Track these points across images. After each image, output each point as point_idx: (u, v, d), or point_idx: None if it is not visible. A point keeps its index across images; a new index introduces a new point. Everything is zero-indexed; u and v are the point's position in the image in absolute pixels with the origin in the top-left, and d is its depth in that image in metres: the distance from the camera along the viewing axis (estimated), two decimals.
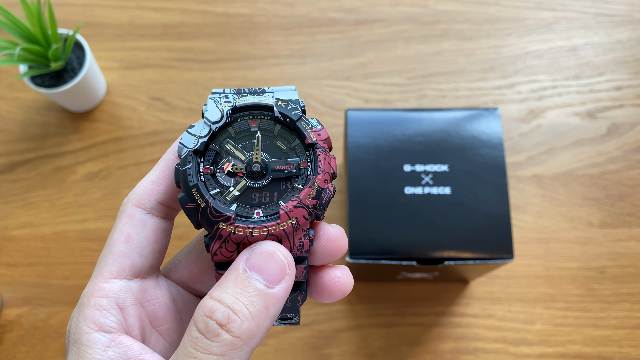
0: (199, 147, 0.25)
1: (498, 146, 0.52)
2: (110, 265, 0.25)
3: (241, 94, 0.26)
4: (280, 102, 0.26)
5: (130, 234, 0.26)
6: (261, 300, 0.23)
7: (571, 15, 0.75)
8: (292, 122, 0.26)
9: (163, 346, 0.27)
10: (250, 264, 0.23)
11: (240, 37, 0.75)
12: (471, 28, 0.75)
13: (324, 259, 0.27)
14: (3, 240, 0.66)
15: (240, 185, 0.25)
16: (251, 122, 0.26)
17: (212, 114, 0.25)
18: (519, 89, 0.71)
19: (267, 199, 0.25)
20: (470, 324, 0.62)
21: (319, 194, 0.25)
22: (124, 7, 0.76)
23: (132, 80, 0.73)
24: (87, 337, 0.24)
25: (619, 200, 0.66)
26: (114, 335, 0.24)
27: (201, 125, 0.25)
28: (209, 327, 0.22)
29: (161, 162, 0.27)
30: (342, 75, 0.73)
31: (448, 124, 0.53)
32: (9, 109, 0.72)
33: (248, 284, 0.23)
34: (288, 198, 0.25)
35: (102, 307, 0.24)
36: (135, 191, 0.26)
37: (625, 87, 0.71)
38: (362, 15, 0.75)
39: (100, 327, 0.24)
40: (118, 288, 0.25)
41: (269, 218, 0.25)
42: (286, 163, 0.25)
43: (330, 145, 0.26)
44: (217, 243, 0.24)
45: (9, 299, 0.64)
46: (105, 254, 0.25)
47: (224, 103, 0.26)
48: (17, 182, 0.68)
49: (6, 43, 0.61)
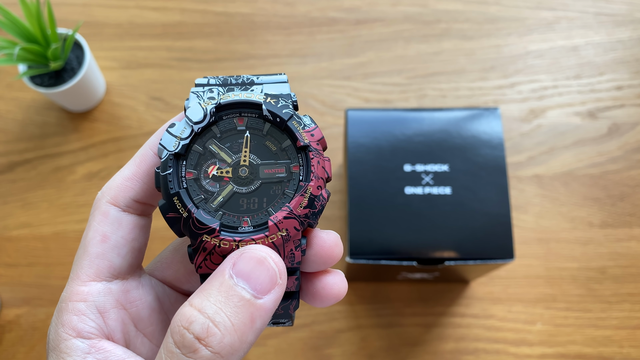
0: (179, 151, 0.23)
1: (498, 146, 0.52)
2: (86, 268, 0.23)
3: (227, 85, 0.24)
4: (269, 99, 0.23)
5: (106, 233, 0.24)
6: (246, 311, 0.21)
7: (572, 14, 0.75)
8: (282, 122, 0.23)
9: (149, 348, 0.26)
10: (238, 270, 0.21)
11: (239, 36, 0.75)
12: (472, 28, 0.74)
13: (317, 267, 0.26)
14: (2, 241, 0.66)
15: (226, 190, 0.23)
16: (238, 121, 0.24)
17: (194, 112, 0.23)
18: (520, 89, 0.71)
19: (255, 205, 0.23)
20: (471, 325, 0.62)
21: (312, 202, 0.23)
22: (124, 6, 0.76)
23: (131, 80, 0.73)
24: (65, 343, 0.22)
25: (620, 200, 0.66)
26: (94, 341, 0.23)
27: (182, 125, 0.23)
28: (186, 340, 0.20)
29: (137, 157, 0.25)
30: (342, 74, 0.72)
31: (448, 123, 0.53)
32: (8, 109, 0.72)
33: (233, 293, 0.21)
34: (278, 207, 0.23)
35: (80, 312, 0.23)
36: (109, 186, 0.25)
37: (626, 87, 0.71)
38: (362, 14, 0.75)
39: (78, 333, 0.22)
40: (97, 291, 0.23)
41: (257, 229, 0.23)
42: (276, 166, 0.23)
43: (324, 146, 0.24)
44: (202, 255, 0.22)
45: (8, 299, 0.64)
46: (81, 255, 0.24)
47: (208, 100, 0.23)
48: (16, 182, 0.68)
49: (5, 43, 0.61)
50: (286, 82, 0.25)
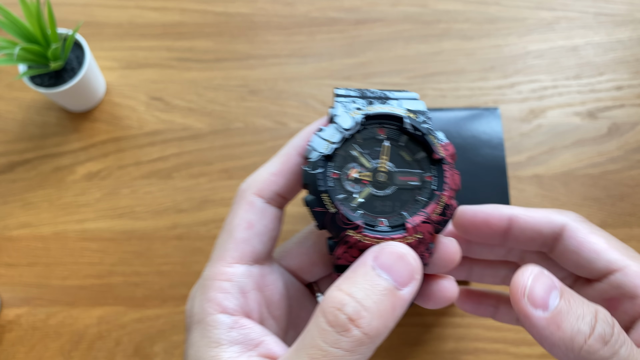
0: (329, 153, 0.25)
1: (498, 146, 0.52)
2: (232, 251, 0.26)
3: (365, 97, 0.27)
4: (409, 113, 0.26)
5: (252, 221, 0.26)
6: (389, 300, 0.23)
7: (572, 14, 0.75)
8: (421, 136, 0.26)
9: (275, 331, 0.28)
10: (380, 263, 0.24)
11: (240, 36, 0.75)
12: (471, 28, 0.75)
13: (437, 270, 0.27)
14: (2, 241, 0.66)
15: (365, 192, 0.26)
16: (378, 131, 0.26)
17: (344, 120, 0.26)
18: (520, 89, 0.71)
19: (389, 208, 0.26)
20: (471, 324, 0.62)
21: (444, 210, 0.26)
22: (124, 6, 0.76)
23: (131, 80, 0.73)
24: (212, 317, 0.24)
25: (620, 200, 0.66)
26: (237, 318, 0.25)
27: (332, 131, 0.26)
28: (339, 320, 0.22)
29: (283, 156, 0.28)
30: (342, 75, 0.72)
31: (448, 123, 0.53)
32: (8, 109, 0.72)
33: (377, 282, 0.23)
34: (413, 211, 0.26)
35: (225, 290, 0.25)
36: (255, 179, 0.27)
37: (625, 87, 0.71)
38: (362, 14, 0.75)
39: (223, 309, 0.25)
40: (240, 273, 0.26)
41: (394, 229, 0.25)
42: (410, 174, 0.26)
43: (455, 160, 0.27)
44: (342, 248, 0.25)
45: (8, 299, 0.64)
46: (226, 238, 0.26)
47: (355, 110, 0.26)
48: (16, 182, 0.68)
49: (5, 43, 0.61)
50: (419, 99, 0.27)
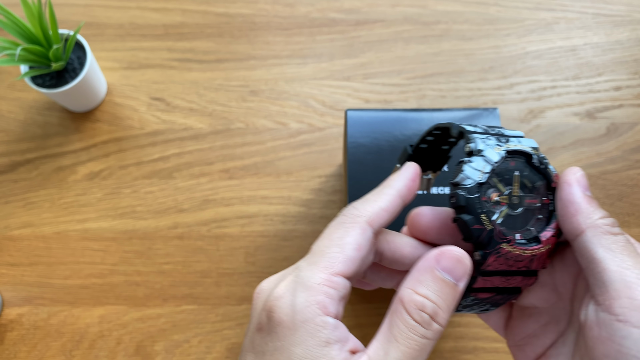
0: (484, 180, 0.31)
1: None
2: (341, 264, 0.29)
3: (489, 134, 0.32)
4: (534, 151, 0.32)
5: (362, 245, 0.30)
6: (453, 296, 0.29)
7: (570, 15, 0.75)
8: (544, 169, 0.32)
9: None
10: (443, 266, 0.29)
11: (240, 37, 0.75)
12: (471, 28, 0.75)
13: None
14: (4, 240, 0.66)
15: (504, 212, 0.31)
16: (510, 163, 0.32)
17: (492, 154, 0.31)
18: (519, 89, 0.72)
19: (520, 225, 0.32)
20: (470, 323, 0.62)
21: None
22: (125, 7, 0.76)
23: (132, 81, 0.73)
24: (320, 319, 0.28)
25: (618, 200, 0.67)
26: (337, 322, 0.29)
27: (481, 162, 0.31)
28: (423, 318, 0.28)
29: (394, 191, 0.33)
30: (342, 75, 0.73)
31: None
32: (10, 109, 0.72)
33: (444, 284, 0.29)
34: (540, 227, 0.32)
35: (331, 296, 0.29)
36: (367, 210, 0.31)
37: (624, 87, 0.72)
38: (362, 15, 0.76)
39: (327, 312, 0.28)
40: (343, 284, 0.30)
41: (530, 242, 0.31)
42: (534, 198, 0.32)
43: None
44: (493, 257, 0.30)
45: (10, 298, 0.64)
46: (336, 252, 0.30)
47: (496, 146, 0.31)
48: (18, 182, 0.69)
49: (7, 43, 0.62)
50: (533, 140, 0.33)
